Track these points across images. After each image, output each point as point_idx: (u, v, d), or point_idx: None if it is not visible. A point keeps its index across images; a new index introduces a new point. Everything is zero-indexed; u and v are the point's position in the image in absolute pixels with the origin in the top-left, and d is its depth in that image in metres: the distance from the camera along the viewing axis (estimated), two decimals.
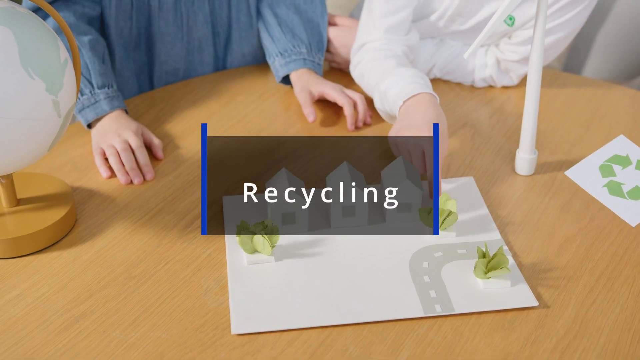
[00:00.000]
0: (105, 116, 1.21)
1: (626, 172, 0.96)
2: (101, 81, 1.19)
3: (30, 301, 0.96)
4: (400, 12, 1.32)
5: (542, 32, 1.09)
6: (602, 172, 0.96)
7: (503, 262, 0.96)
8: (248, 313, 0.94)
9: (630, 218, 0.93)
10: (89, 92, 1.18)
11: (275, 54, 1.38)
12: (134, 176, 1.15)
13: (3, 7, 0.94)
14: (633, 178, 0.96)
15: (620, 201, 0.94)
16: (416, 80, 1.22)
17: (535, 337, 0.91)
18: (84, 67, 1.20)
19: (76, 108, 1.18)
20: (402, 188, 1.06)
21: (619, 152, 0.98)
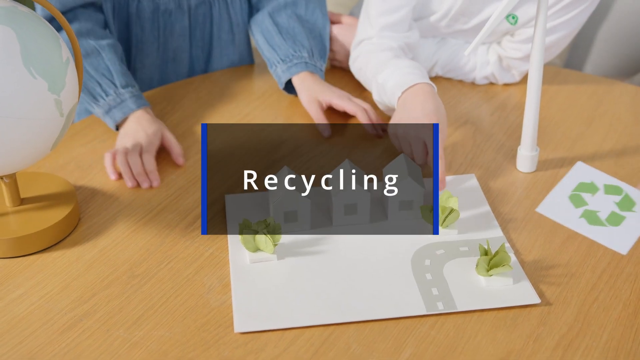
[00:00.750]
0: (130, 116, 1.20)
1: (596, 198, 0.95)
2: (124, 81, 1.19)
3: (34, 300, 0.96)
4: (398, 11, 1.32)
5: (542, 30, 1.09)
6: (574, 202, 0.94)
7: (505, 259, 0.96)
8: (251, 311, 0.94)
9: (618, 246, 0.91)
10: (114, 92, 1.18)
11: (276, 62, 1.35)
12: (141, 181, 1.14)
13: (5, 7, 0.94)
14: (606, 204, 0.94)
15: (602, 230, 0.92)
16: (413, 70, 1.22)
17: (538, 334, 0.91)
18: (105, 69, 1.20)
19: (101, 110, 1.17)
20: (404, 185, 1.06)
21: (583, 179, 0.97)
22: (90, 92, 1.19)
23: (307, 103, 1.30)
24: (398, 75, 1.22)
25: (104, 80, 1.18)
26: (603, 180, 0.96)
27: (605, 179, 0.95)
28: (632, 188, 0.94)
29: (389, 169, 1.10)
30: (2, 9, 0.93)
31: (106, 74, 1.19)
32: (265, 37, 1.37)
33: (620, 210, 0.92)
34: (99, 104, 1.17)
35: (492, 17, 1.06)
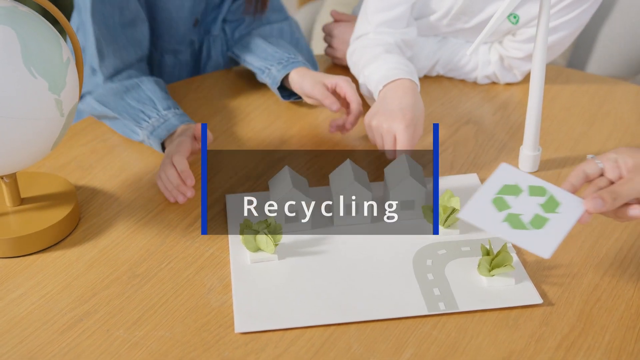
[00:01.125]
0: (174, 134, 1.18)
1: (520, 200, 0.90)
2: (166, 104, 1.20)
3: (34, 300, 0.96)
4: (395, 8, 1.32)
5: (545, 29, 1.08)
6: (497, 206, 0.90)
7: (507, 259, 0.96)
8: (251, 311, 0.94)
9: (541, 250, 0.86)
10: (157, 114, 1.18)
11: (270, 65, 1.32)
12: (175, 196, 1.11)
13: (5, 7, 0.94)
14: (529, 206, 0.90)
15: (525, 233, 0.87)
16: (399, 66, 1.23)
17: (540, 334, 0.90)
18: (146, 99, 1.21)
19: (146, 132, 1.17)
20: (405, 185, 1.06)
21: (507, 181, 0.92)
22: (134, 118, 1.19)
23: (311, 86, 1.25)
24: (384, 70, 1.23)
25: (146, 107, 1.19)
26: (527, 182, 0.92)
27: (530, 180, 0.92)
28: (556, 188, 0.91)
29: (390, 169, 1.09)
30: (2, 8, 0.93)
31: (147, 101, 1.20)
32: (255, 52, 1.35)
33: (545, 212, 0.89)
34: (142, 126, 1.17)
35: (494, 17, 1.05)
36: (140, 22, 1.27)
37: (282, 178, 1.06)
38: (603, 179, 0.90)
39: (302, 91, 1.27)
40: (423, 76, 1.44)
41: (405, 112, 1.14)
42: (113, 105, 1.22)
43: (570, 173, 0.91)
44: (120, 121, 1.22)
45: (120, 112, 1.21)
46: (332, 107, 1.22)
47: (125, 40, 1.25)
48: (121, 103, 1.21)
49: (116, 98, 1.22)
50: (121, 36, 1.24)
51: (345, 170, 1.08)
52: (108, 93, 1.23)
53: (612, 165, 0.89)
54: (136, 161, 1.21)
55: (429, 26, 1.38)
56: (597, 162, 0.90)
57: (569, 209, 0.89)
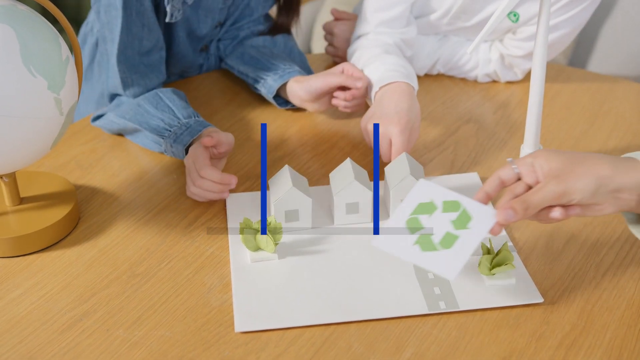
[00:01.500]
0: (195, 142, 1.15)
1: (433, 219, 0.87)
2: (186, 113, 1.18)
3: (34, 300, 0.96)
4: (394, 8, 1.32)
5: (545, 27, 1.08)
6: (410, 228, 0.87)
7: (508, 258, 0.96)
8: (252, 311, 0.93)
9: (446, 271, 0.84)
10: (178, 123, 1.17)
11: (265, 75, 1.31)
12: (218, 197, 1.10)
13: (4, 5, 0.94)
14: (441, 224, 0.87)
15: (434, 255, 0.85)
16: (396, 68, 1.22)
17: (541, 333, 0.90)
18: (165, 108, 1.19)
19: (169, 140, 1.15)
20: (406, 184, 1.06)
21: (423, 199, 0.90)
22: (155, 128, 1.18)
23: (320, 80, 1.23)
24: (381, 71, 1.23)
25: (166, 115, 1.18)
26: (442, 197, 0.89)
27: (445, 194, 0.89)
28: (471, 201, 0.88)
29: (391, 168, 1.09)
30: (1, 7, 0.93)
31: (167, 110, 1.19)
32: (249, 62, 1.34)
33: (455, 229, 0.87)
34: (164, 135, 1.16)
35: (495, 15, 1.05)
36: (158, 48, 1.26)
37: (282, 177, 1.06)
38: (520, 184, 0.87)
39: (307, 92, 1.25)
40: (424, 75, 1.44)
41: (401, 116, 1.14)
42: (133, 117, 1.20)
43: (487, 180, 0.89)
44: (141, 133, 1.20)
45: (141, 123, 1.19)
46: (357, 83, 1.21)
47: (144, 67, 1.24)
48: (141, 113, 1.20)
49: (136, 110, 1.20)
50: (140, 65, 1.23)
51: (345, 170, 1.07)
52: (128, 107, 1.22)
53: (529, 169, 0.86)
54: (136, 161, 1.21)
55: (430, 25, 1.38)
56: (514, 166, 0.88)
57: (480, 223, 0.87)
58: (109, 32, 1.20)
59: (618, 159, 0.85)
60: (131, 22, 1.19)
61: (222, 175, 1.08)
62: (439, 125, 1.30)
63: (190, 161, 1.10)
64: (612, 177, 0.83)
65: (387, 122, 1.14)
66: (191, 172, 1.09)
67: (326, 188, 1.14)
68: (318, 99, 1.26)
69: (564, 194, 0.83)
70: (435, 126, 1.30)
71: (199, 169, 1.08)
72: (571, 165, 0.84)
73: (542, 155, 0.86)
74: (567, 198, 0.83)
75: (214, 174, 1.07)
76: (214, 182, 1.08)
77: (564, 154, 0.86)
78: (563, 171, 0.84)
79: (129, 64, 1.22)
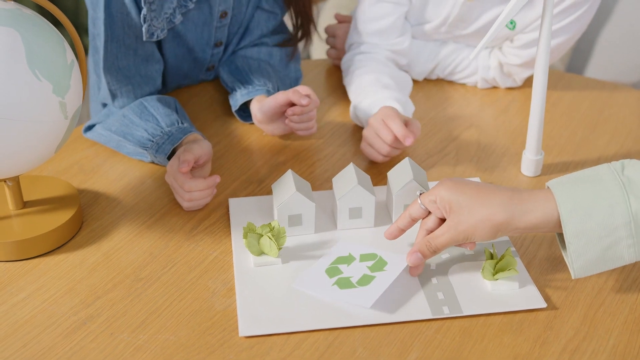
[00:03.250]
0: (179, 147, 1.16)
1: (352, 267, 0.98)
2: (169, 120, 1.18)
3: (38, 304, 0.96)
4: (384, 18, 1.33)
5: (548, 34, 1.09)
6: (329, 274, 0.98)
7: (511, 263, 0.96)
8: (256, 315, 0.93)
9: (362, 301, 0.93)
10: (160, 132, 1.17)
11: (237, 88, 1.30)
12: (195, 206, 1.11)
13: (9, 9, 0.94)
14: (359, 270, 0.97)
15: (351, 291, 0.94)
16: (380, 99, 1.23)
17: (545, 338, 0.91)
18: (150, 117, 1.19)
19: (152, 151, 1.15)
20: (409, 189, 1.06)
21: (341, 253, 1.01)
22: (139, 140, 1.17)
23: (271, 98, 1.20)
24: (368, 102, 1.24)
25: (150, 125, 1.18)
26: (360, 251, 1.01)
27: (363, 249, 1.01)
28: (387, 252, 1.00)
29: (394, 173, 1.09)
30: (6, 11, 0.93)
31: (151, 120, 1.18)
32: (233, 72, 1.33)
33: (371, 272, 0.97)
34: (147, 147, 1.16)
35: (497, 21, 1.06)
36: (154, 61, 1.26)
37: (285, 182, 1.06)
38: (431, 218, 0.95)
39: (261, 112, 1.22)
40: (422, 79, 1.45)
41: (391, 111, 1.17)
42: (118, 128, 1.20)
43: (399, 216, 0.97)
44: (125, 146, 1.20)
45: (125, 134, 1.19)
46: (302, 101, 1.17)
47: (139, 78, 1.23)
48: (126, 124, 1.19)
49: (121, 121, 1.20)
50: (136, 76, 1.23)
51: (348, 174, 1.08)
52: (114, 118, 1.21)
53: (433, 206, 0.94)
54: (138, 165, 1.21)
55: (428, 32, 1.39)
56: (420, 204, 0.95)
57: (394, 265, 0.97)
58: (99, 43, 1.20)
59: (520, 199, 0.90)
60: (122, 35, 1.19)
61: (206, 181, 1.09)
62: (441, 131, 1.30)
63: (171, 179, 1.10)
64: (508, 224, 0.90)
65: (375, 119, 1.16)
66: (176, 190, 1.10)
67: (329, 193, 1.14)
68: (272, 121, 1.24)
69: (465, 239, 0.92)
70: (436, 132, 1.30)
71: (181, 184, 1.08)
72: (470, 205, 0.90)
73: (445, 188, 0.92)
74: (469, 240, 0.92)
75: (198, 184, 1.08)
76: (201, 191, 1.08)
77: (465, 189, 0.91)
78: (462, 210, 0.91)
79: (123, 75, 1.22)
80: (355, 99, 1.28)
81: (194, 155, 1.10)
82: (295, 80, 1.38)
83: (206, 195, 1.10)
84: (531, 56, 1.34)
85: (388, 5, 1.33)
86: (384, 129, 1.15)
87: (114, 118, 1.22)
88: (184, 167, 1.07)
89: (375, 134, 1.17)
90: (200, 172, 1.14)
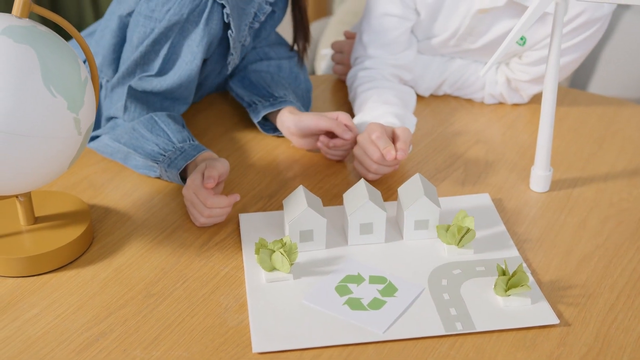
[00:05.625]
0: (191, 165, 1.15)
1: (361, 288, 0.99)
2: (181, 137, 1.18)
3: (50, 320, 0.96)
4: (390, 32, 1.34)
5: (557, 52, 1.09)
6: (339, 292, 0.99)
7: (523, 279, 0.96)
8: (269, 331, 0.93)
9: (375, 326, 0.94)
10: (172, 147, 1.17)
11: (257, 101, 1.30)
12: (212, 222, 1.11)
13: (25, 26, 0.94)
14: (369, 292, 0.99)
15: (363, 314, 0.95)
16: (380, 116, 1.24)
17: (558, 355, 0.91)
18: (160, 132, 1.19)
19: (163, 165, 1.15)
20: (420, 205, 1.06)
21: (350, 272, 1.02)
22: (149, 153, 1.17)
23: (314, 120, 1.21)
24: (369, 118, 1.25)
25: (161, 139, 1.18)
26: (369, 272, 1.02)
27: (371, 270, 1.02)
28: (395, 277, 1.01)
29: (404, 189, 1.10)
30: (22, 28, 0.94)
31: (162, 135, 1.19)
32: (248, 87, 1.34)
33: (382, 296, 0.98)
34: (158, 160, 1.16)
35: (508, 37, 1.07)
36: (184, 104, 1.26)
37: (296, 197, 1.07)
38: None
39: (298, 128, 1.23)
40: (429, 95, 1.45)
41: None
42: (128, 141, 1.20)
43: None
44: (134, 159, 1.19)
45: (136, 147, 1.18)
46: (345, 134, 1.20)
47: (159, 106, 1.24)
48: (136, 137, 1.19)
49: (131, 134, 1.20)
50: (157, 103, 1.24)
51: (359, 190, 1.08)
52: (122, 130, 1.22)
53: None
54: (147, 181, 1.21)
55: (436, 46, 1.40)
56: None
57: (405, 292, 0.98)
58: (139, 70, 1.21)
59: None
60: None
61: (228, 199, 1.09)
62: (449, 147, 1.31)
63: (190, 193, 1.10)
64: None
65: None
66: (196, 204, 1.09)
67: (339, 208, 1.14)
68: (305, 137, 1.25)
69: None
70: (444, 147, 1.31)
71: (203, 200, 1.08)
72: None
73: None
74: None
75: (221, 201, 1.08)
76: (222, 208, 1.09)
77: None
78: None
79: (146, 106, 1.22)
80: (357, 115, 1.29)
81: (218, 172, 1.10)
82: (307, 92, 1.39)
83: (225, 213, 1.10)
84: (539, 73, 1.34)
85: (393, 19, 1.34)
86: (370, 146, 1.16)
87: (122, 130, 1.22)
88: (209, 183, 1.07)
89: (364, 152, 1.17)
90: (216, 189, 1.14)
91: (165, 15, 1.17)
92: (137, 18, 1.20)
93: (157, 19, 1.18)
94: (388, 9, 1.33)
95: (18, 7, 0.96)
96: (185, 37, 1.19)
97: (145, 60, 1.21)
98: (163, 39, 1.19)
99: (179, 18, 1.17)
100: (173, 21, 1.17)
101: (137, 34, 1.20)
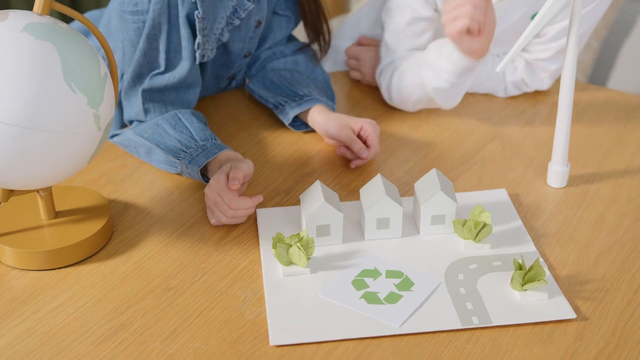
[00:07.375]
0: (213, 162, 1.16)
1: (378, 282, 1.00)
2: (203, 135, 1.19)
3: (71, 312, 0.97)
4: (422, 35, 1.35)
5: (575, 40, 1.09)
6: (356, 286, 0.99)
7: (540, 274, 0.96)
8: (286, 324, 0.94)
9: (392, 320, 0.94)
10: (194, 144, 1.18)
11: (283, 102, 1.32)
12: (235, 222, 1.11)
13: (45, 23, 0.96)
14: (385, 286, 0.99)
15: (379, 307, 0.96)
16: None
17: (575, 349, 0.91)
18: (184, 129, 1.20)
19: (185, 161, 1.16)
20: (436, 200, 1.07)
21: (367, 266, 1.03)
22: (171, 149, 1.18)
23: (337, 130, 1.23)
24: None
25: (184, 136, 1.19)
26: (385, 267, 1.03)
27: (388, 265, 1.03)
28: (412, 271, 1.01)
29: (421, 184, 1.10)
30: (43, 25, 0.95)
31: (185, 132, 1.20)
32: (270, 88, 1.35)
33: (399, 291, 0.99)
34: (180, 156, 1.17)
35: (527, 31, 1.07)
36: (196, 85, 1.27)
37: (314, 192, 1.07)
38: None
39: (325, 132, 1.26)
40: None
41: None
42: (150, 136, 1.21)
43: None
44: (156, 153, 1.20)
45: (158, 142, 1.20)
46: (362, 154, 1.21)
47: (178, 105, 1.26)
48: (159, 133, 1.21)
49: (154, 129, 1.22)
50: (175, 103, 1.25)
51: (376, 185, 1.08)
52: (146, 125, 1.23)
53: None
54: (166, 176, 1.23)
55: None
56: None
57: (422, 287, 0.99)
58: (145, 71, 1.23)
59: None
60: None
61: (252, 200, 1.09)
62: (465, 142, 1.31)
63: (214, 193, 1.10)
64: None
65: None
66: (219, 204, 1.09)
67: (356, 203, 1.15)
68: (333, 139, 1.26)
69: None
70: (461, 143, 1.31)
71: (228, 201, 1.08)
72: None
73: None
74: None
75: (246, 203, 1.09)
76: (246, 209, 1.09)
77: None
78: None
79: (163, 102, 1.24)
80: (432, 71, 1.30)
81: (244, 173, 1.10)
82: (325, 83, 1.39)
83: (248, 214, 1.10)
84: (560, 46, 1.34)
85: (424, 23, 1.34)
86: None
87: (146, 125, 1.23)
88: (235, 185, 1.08)
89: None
90: (239, 190, 1.14)
91: (148, 5, 1.18)
92: (124, 17, 1.22)
93: (143, 11, 1.19)
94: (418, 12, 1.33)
95: (39, 4, 0.98)
96: (175, 23, 1.20)
97: (149, 59, 1.22)
98: (157, 32, 1.20)
99: (161, 4, 1.18)
100: (157, 10, 1.18)
101: (131, 31, 1.22)
